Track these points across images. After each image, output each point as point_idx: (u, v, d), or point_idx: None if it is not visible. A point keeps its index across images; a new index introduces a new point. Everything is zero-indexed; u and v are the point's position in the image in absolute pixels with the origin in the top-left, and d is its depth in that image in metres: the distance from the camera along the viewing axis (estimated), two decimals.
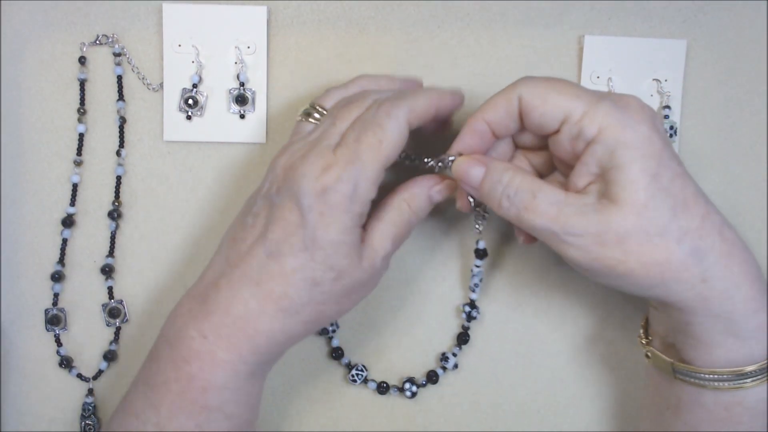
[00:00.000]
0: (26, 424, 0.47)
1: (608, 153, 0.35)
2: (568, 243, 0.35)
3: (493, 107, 0.38)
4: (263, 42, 0.45)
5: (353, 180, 0.36)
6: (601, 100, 0.35)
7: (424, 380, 0.47)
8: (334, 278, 0.37)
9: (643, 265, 0.35)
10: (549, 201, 0.35)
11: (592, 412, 0.49)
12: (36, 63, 0.45)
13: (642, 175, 0.34)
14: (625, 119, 0.34)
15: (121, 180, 0.46)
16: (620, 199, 0.34)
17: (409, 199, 0.40)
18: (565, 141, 0.36)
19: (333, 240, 0.36)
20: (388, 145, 0.36)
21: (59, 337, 0.46)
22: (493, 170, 0.37)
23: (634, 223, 0.34)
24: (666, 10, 0.47)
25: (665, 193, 0.35)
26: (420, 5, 0.46)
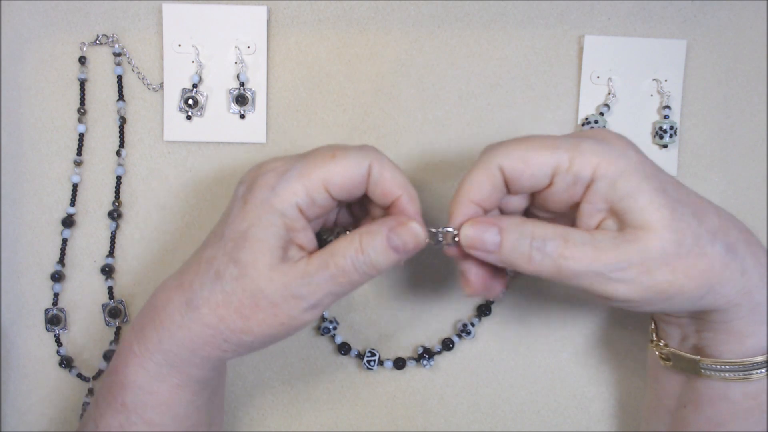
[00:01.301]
0: (26, 424, 0.47)
1: (611, 187, 0.34)
2: (615, 280, 0.34)
3: (477, 186, 0.36)
4: (263, 42, 0.45)
5: (281, 174, 0.36)
6: (581, 141, 0.35)
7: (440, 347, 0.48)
8: (236, 276, 0.36)
9: (691, 279, 0.34)
10: (582, 243, 0.34)
11: (592, 412, 0.49)
12: (36, 63, 0.45)
13: (655, 193, 0.34)
14: (611, 150, 0.35)
15: (121, 180, 0.46)
16: (647, 222, 0.34)
17: (364, 234, 0.36)
18: (561, 191, 0.36)
19: (241, 230, 0.36)
20: (339, 163, 0.36)
21: (59, 337, 0.46)
22: (511, 227, 0.35)
23: (671, 240, 0.34)
24: (666, 10, 0.47)
25: (681, 204, 0.35)
26: (420, 5, 0.46)
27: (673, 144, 0.47)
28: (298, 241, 0.36)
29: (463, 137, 0.47)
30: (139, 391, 0.37)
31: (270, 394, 0.48)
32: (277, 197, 0.35)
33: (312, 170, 0.36)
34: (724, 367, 0.38)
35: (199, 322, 0.36)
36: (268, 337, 0.37)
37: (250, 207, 0.36)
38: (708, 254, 0.35)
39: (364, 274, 0.36)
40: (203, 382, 0.39)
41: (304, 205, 0.36)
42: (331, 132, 0.46)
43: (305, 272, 0.35)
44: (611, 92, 0.46)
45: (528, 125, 0.47)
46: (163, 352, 0.37)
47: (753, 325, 0.37)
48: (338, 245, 0.36)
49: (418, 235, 0.36)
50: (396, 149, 0.47)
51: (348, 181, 0.36)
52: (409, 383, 0.48)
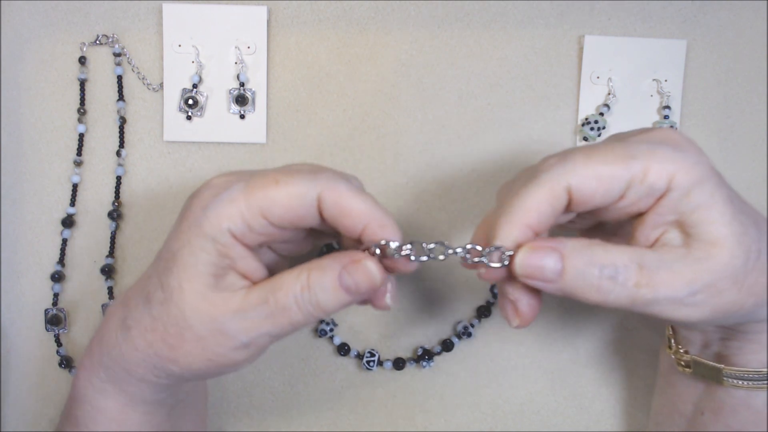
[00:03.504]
0: (26, 424, 0.47)
1: (685, 197, 0.31)
2: (688, 305, 0.31)
3: (536, 209, 0.31)
4: (263, 42, 0.45)
5: (216, 194, 0.32)
6: (656, 149, 0.31)
7: (439, 348, 0.48)
8: (162, 301, 0.32)
9: (752, 295, 0.32)
10: (657, 267, 0.31)
11: (592, 413, 0.49)
12: (36, 63, 0.45)
13: (725, 205, 0.31)
14: (687, 158, 0.31)
15: (121, 180, 0.46)
16: (718, 237, 0.31)
17: (313, 270, 0.32)
18: (629, 204, 0.32)
19: (172, 251, 0.33)
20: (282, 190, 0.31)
21: (59, 337, 0.46)
22: (575, 253, 0.31)
23: (741, 257, 0.31)
24: (666, 10, 0.47)
25: (745, 215, 0.32)
26: (420, 5, 0.46)
27: None
28: (238, 268, 0.33)
29: (463, 137, 0.47)
30: (88, 406, 0.36)
31: (270, 394, 0.48)
32: (207, 220, 0.31)
33: (249, 195, 0.31)
34: (748, 376, 0.36)
35: (130, 344, 0.34)
36: (197, 371, 0.33)
37: (183, 227, 0.32)
38: (766, 268, 0.32)
39: (308, 315, 0.32)
40: (153, 403, 0.36)
41: (238, 232, 0.32)
42: (331, 132, 0.46)
43: (240, 306, 0.32)
44: (611, 92, 0.46)
45: (528, 125, 0.47)
46: (104, 368, 0.35)
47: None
48: (283, 279, 0.32)
49: (372, 276, 0.31)
50: (396, 149, 0.47)
51: (289, 211, 0.31)
52: (408, 383, 0.48)
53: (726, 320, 0.33)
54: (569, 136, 0.47)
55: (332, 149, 0.47)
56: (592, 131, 0.46)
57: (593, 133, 0.46)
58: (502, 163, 0.47)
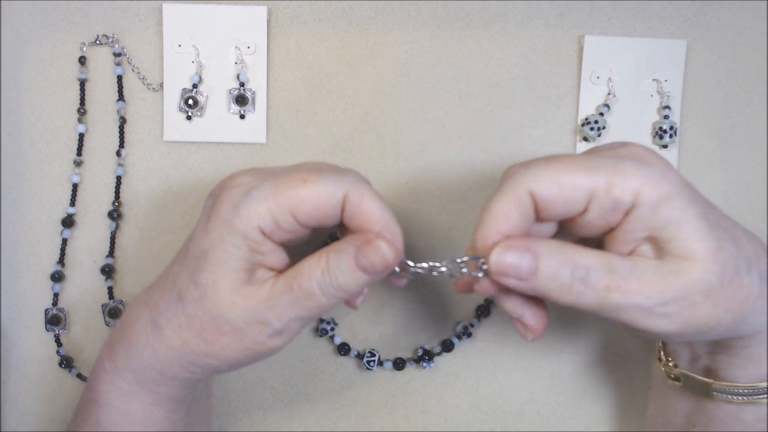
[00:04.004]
0: (26, 424, 0.47)
1: (653, 213, 0.31)
2: (658, 315, 0.31)
3: (504, 215, 0.32)
4: (263, 42, 0.45)
5: (245, 192, 0.33)
6: (620, 163, 0.31)
7: (439, 348, 0.48)
8: (197, 299, 0.33)
9: (729, 311, 0.32)
10: (628, 274, 0.31)
11: (592, 413, 0.49)
12: (36, 63, 0.45)
13: (699, 221, 0.31)
14: (654, 173, 0.31)
15: (121, 180, 0.46)
16: (691, 252, 0.31)
17: (331, 253, 0.33)
18: (596, 218, 0.32)
19: (203, 249, 0.33)
20: (311, 188, 0.32)
21: (59, 337, 0.46)
22: (549, 253, 0.31)
23: (715, 272, 0.31)
24: (666, 10, 0.47)
25: (721, 230, 0.32)
26: (420, 5, 0.46)
27: (673, 144, 0.47)
28: (267, 263, 0.34)
29: (463, 137, 0.47)
30: (111, 409, 0.36)
31: (270, 394, 0.48)
32: (239, 218, 0.33)
33: (279, 193, 0.32)
34: (738, 391, 0.36)
35: (164, 344, 0.34)
36: (234, 362, 0.34)
37: (212, 225, 0.33)
38: (745, 285, 0.32)
39: (332, 297, 0.33)
40: (177, 400, 0.37)
41: (268, 229, 0.33)
42: (331, 132, 0.46)
43: (269, 295, 0.33)
44: (611, 92, 0.46)
45: (528, 125, 0.47)
46: (132, 370, 0.36)
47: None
48: (304, 265, 0.33)
49: (385, 255, 0.32)
50: (396, 149, 0.47)
51: (317, 210, 0.33)
52: (408, 383, 0.48)
53: (703, 336, 0.33)
54: (569, 136, 0.47)
55: (332, 149, 0.47)
56: (592, 131, 0.46)
57: (593, 133, 0.46)
58: (502, 163, 0.47)
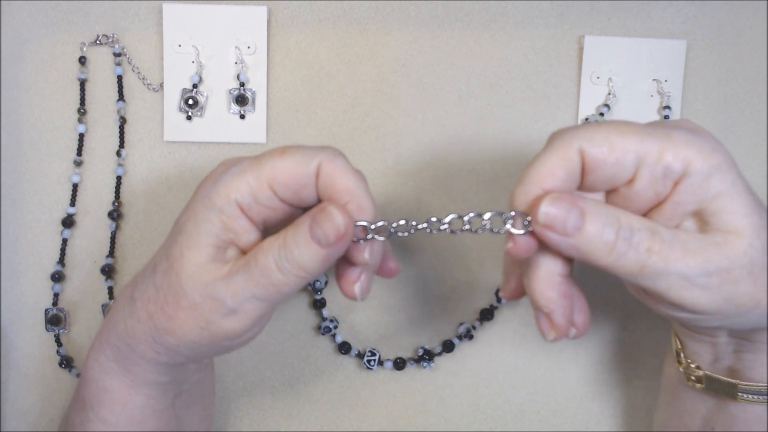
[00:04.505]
0: (26, 424, 0.47)
1: (704, 183, 0.30)
2: (699, 286, 0.30)
3: (550, 171, 0.31)
4: (263, 42, 0.45)
5: (226, 169, 0.33)
6: (672, 131, 0.31)
7: (440, 348, 0.48)
8: (165, 270, 0.34)
9: (762, 293, 0.31)
10: (671, 240, 0.30)
11: (592, 413, 0.49)
12: (36, 63, 0.45)
13: (747, 195, 0.31)
14: (705, 143, 0.30)
15: (121, 180, 0.46)
16: (738, 227, 0.30)
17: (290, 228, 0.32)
18: (645, 188, 0.31)
19: (180, 223, 0.34)
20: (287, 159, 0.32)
21: (59, 337, 0.46)
22: (596, 209, 0.30)
23: (760, 248, 0.30)
24: (666, 10, 0.47)
25: (762, 208, 0.31)
26: (420, 5, 0.46)
27: None
28: (240, 242, 0.33)
29: (463, 137, 0.47)
30: (94, 386, 0.37)
31: (270, 394, 0.48)
32: (216, 192, 0.33)
33: (257, 166, 0.33)
34: (765, 391, 0.35)
35: (134, 316, 0.35)
36: (191, 344, 0.34)
37: (194, 201, 0.34)
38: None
39: (288, 274, 0.32)
40: (156, 386, 0.37)
41: (245, 203, 0.33)
42: (331, 132, 0.46)
43: (229, 272, 0.32)
44: (611, 92, 0.46)
45: (528, 125, 0.47)
46: (111, 345, 0.36)
47: None
48: (265, 242, 0.33)
49: (336, 222, 0.31)
50: (396, 149, 0.47)
51: (292, 179, 0.32)
52: (409, 383, 0.48)
53: (737, 318, 0.32)
54: None
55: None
56: None
57: None
58: (502, 163, 0.47)
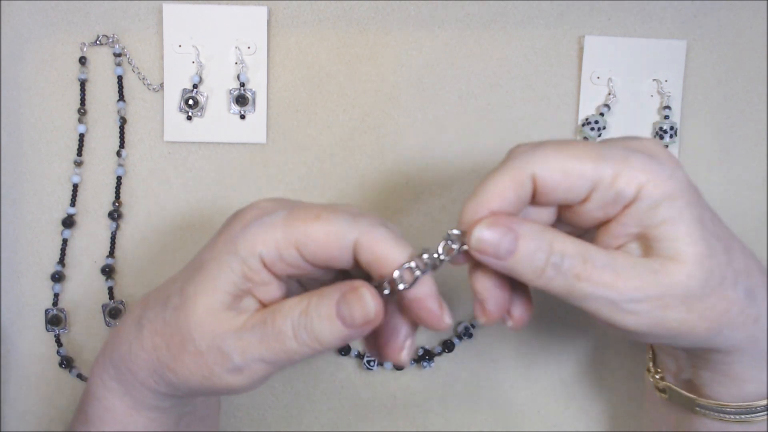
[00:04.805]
0: (26, 424, 0.47)
1: (652, 209, 0.30)
2: (626, 311, 0.31)
3: (500, 194, 0.31)
4: (263, 42, 0.45)
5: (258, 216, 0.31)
6: (630, 155, 0.31)
7: (440, 348, 0.48)
8: (177, 307, 0.32)
9: (705, 320, 0.31)
10: (603, 265, 0.30)
11: (592, 413, 0.49)
12: (36, 63, 0.45)
13: (694, 224, 0.31)
14: (662, 170, 0.31)
15: (121, 180, 0.46)
16: (680, 254, 0.30)
17: (314, 296, 0.31)
18: (595, 208, 0.31)
19: (202, 260, 0.32)
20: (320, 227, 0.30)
21: (59, 337, 0.46)
22: (530, 235, 0.31)
23: (699, 278, 0.30)
24: (666, 10, 0.47)
25: (715, 238, 0.31)
26: (420, 5, 0.46)
27: (673, 144, 0.47)
28: (258, 294, 0.32)
29: (463, 137, 0.47)
30: (97, 403, 0.36)
31: (270, 394, 0.48)
32: (243, 240, 0.31)
33: (288, 224, 0.30)
34: (722, 409, 0.36)
35: (140, 343, 0.33)
36: (192, 388, 0.32)
37: (219, 239, 0.32)
38: (729, 297, 0.31)
39: (303, 344, 0.30)
40: (159, 411, 0.36)
41: (269, 259, 0.31)
42: (331, 132, 0.46)
43: (242, 326, 0.31)
44: (611, 92, 0.46)
45: (528, 125, 0.47)
46: (113, 365, 0.35)
47: (753, 370, 0.34)
48: (286, 303, 0.31)
49: (366, 306, 0.30)
50: (396, 149, 0.47)
51: (324, 249, 0.30)
52: (409, 383, 0.48)
53: (674, 340, 0.32)
54: (569, 136, 0.47)
55: (332, 149, 0.47)
56: (593, 131, 0.46)
57: (593, 134, 0.46)
58: None
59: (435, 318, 0.31)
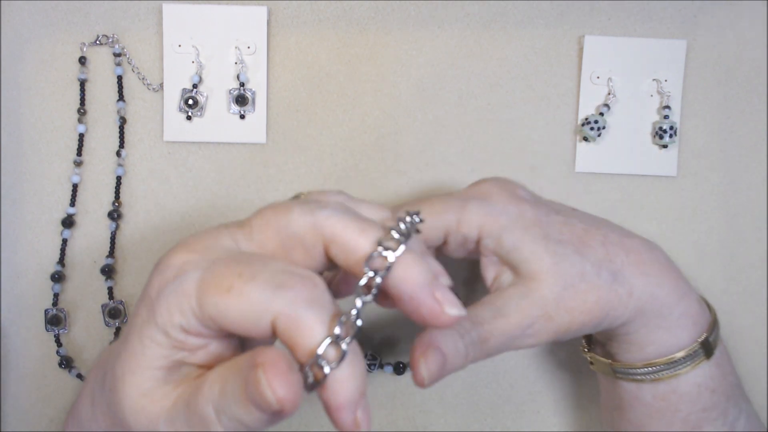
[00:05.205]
0: (26, 424, 0.47)
1: (497, 242, 0.37)
2: (529, 336, 0.36)
3: None
4: (263, 42, 0.45)
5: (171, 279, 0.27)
6: (467, 203, 0.37)
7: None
8: (111, 389, 0.28)
9: (586, 313, 0.37)
10: (491, 317, 0.36)
11: (591, 413, 0.49)
12: (36, 63, 0.45)
13: (536, 243, 0.36)
14: (492, 210, 0.37)
15: (121, 180, 0.46)
16: (534, 271, 0.36)
17: (229, 378, 0.26)
18: (456, 249, 0.38)
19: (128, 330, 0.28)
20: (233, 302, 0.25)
21: (59, 337, 0.46)
22: (449, 347, 0.34)
23: (558, 284, 0.36)
24: (666, 10, 0.47)
25: (563, 245, 0.37)
26: (420, 5, 0.46)
27: (673, 144, 0.47)
28: (196, 359, 0.27)
29: (463, 137, 0.47)
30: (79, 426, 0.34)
31: None
32: (159, 309, 0.27)
33: (200, 294, 0.26)
34: (632, 371, 0.39)
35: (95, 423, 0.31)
36: None
37: (140, 305, 0.28)
38: (596, 286, 0.37)
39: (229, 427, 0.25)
40: None
41: (193, 329, 0.26)
42: (331, 132, 0.46)
43: (172, 407, 0.27)
44: (611, 92, 0.46)
45: (528, 125, 0.47)
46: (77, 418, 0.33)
47: (650, 335, 0.39)
48: (207, 380, 0.26)
49: (268, 399, 0.24)
50: (396, 149, 0.47)
51: (241, 328, 0.26)
52: (409, 383, 0.48)
53: (575, 335, 0.37)
54: (569, 136, 0.47)
55: (332, 149, 0.47)
56: (592, 131, 0.46)
57: (593, 133, 0.46)
58: (502, 163, 0.47)
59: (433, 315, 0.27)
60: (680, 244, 0.47)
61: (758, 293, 0.48)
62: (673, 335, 0.39)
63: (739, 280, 0.48)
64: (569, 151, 0.47)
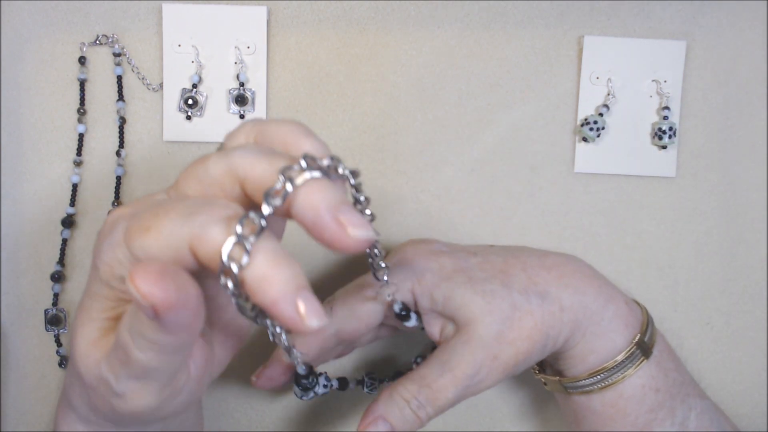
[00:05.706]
0: (26, 424, 0.47)
1: (430, 299, 0.39)
2: (477, 383, 0.37)
3: None
4: (263, 42, 0.45)
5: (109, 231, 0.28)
6: (393, 272, 0.39)
7: None
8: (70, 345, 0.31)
9: (528, 339, 0.38)
10: (441, 374, 0.37)
11: None
12: (36, 63, 0.45)
13: (463, 289, 0.38)
14: (414, 272, 0.39)
15: (121, 180, 0.46)
16: (470, 316, 0.38)
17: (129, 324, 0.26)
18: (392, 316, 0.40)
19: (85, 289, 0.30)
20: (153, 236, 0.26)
21: (59, 337, 0.46)
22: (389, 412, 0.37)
23: (496, 320, 0.37)
24: (666, 10, 0.47)
25: (489, 282, 0.39)
26: (420, 5, 0.46)
27: (673, 145, 0.47)
28: None
29: (463, 137, 0.47)
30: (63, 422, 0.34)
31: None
32: (100, 263, 0.28)
33: (128, 241, 0.27)
34: (579, 383, 0.40)
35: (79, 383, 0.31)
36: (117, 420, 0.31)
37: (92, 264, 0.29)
38: (529, 311, 0.38)
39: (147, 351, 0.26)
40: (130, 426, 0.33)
41: None
42: (331, 132, 0.46)
43: (110, 348, 0.28)
44: (611, 93, 0.46)
45: (528, 125, 0.47)
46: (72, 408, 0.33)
47: (587, 344, 0.40)
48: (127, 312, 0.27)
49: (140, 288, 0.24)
50: (396, 149, 0.47)
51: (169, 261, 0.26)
52: None
53: (525, 365, 0.39)
54: (569, 136, 0.47)
55: (332, 149, 0.46)
56: (592, 131, 0.46)
57: (592, 134, 0.46)
58: (502, 164, 0.47)
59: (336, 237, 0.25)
60: (680, 245, 0.48)
61: (758, 293, 0.48)
62: (608, 340, 0.40)
63: (739, 280, 0.48)
64: (568, 152, 0.47)
